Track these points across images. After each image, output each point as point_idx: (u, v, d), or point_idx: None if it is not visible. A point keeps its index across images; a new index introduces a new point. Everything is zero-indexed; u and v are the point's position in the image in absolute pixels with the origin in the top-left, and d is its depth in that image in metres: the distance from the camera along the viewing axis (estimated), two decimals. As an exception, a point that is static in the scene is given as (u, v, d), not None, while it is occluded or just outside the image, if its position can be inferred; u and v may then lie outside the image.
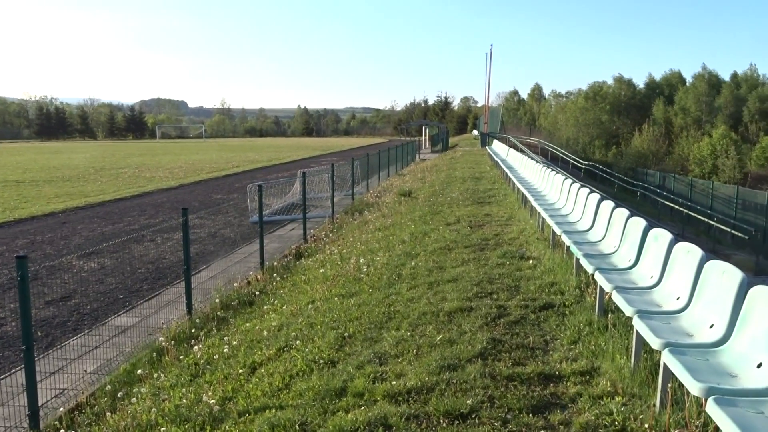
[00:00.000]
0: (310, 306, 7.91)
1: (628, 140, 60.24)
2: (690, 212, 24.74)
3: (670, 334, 3.95)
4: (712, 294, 4.06)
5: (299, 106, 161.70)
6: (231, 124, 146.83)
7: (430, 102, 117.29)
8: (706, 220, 23.59)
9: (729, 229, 21.01)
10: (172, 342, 7.20)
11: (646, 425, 3.77)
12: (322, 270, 10.17)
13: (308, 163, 41.32)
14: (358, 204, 19.25)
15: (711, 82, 66.65)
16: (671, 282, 4.78)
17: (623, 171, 42.46)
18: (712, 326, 3.89)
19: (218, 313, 8.50)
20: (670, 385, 3.79)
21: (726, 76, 68.90)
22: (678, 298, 4.52)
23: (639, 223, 5.88)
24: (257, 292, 9.52)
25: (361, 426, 4.07)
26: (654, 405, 4.00)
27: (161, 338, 7.29)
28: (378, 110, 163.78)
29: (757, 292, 3.50)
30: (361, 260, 9.84)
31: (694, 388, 3.14)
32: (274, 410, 4.61)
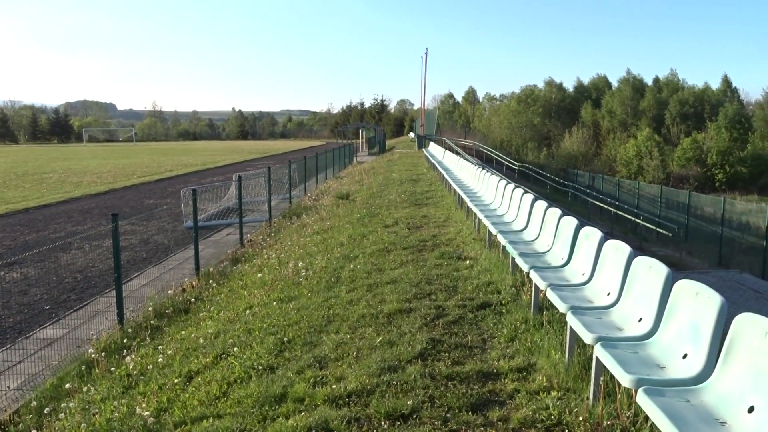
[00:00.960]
0: (247, 312, 7.77)
1: (559, 142, 62.12)
2: (618, 211, 25.70)
3: (601, 329, 4.07)
4: (640, 289, 4.22)
5: (234, 108, 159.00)
6: (163, 127, 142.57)
7: (367, 105, 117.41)
8: (633, 218, 24.56)
9: (654, 227, 21.95)
10: (103, 353, 6.92)
11: (581, 418, 3.87)
12: (259, 275, 10.02)
13: (244, 166, 40.65)
14: (296, 207, 19.08)
15: (635, 86, 69.49)
16: (602, 278, 4.94)
17: (555, 172, 43.72)
18: (640, 320, 4.04)
19: (152, 321, 8.23)
20: (602, 378, 3.90)
21: (649, 81, 72.05)
22: (609, 294, 4.67)
23: (571, 222, 6.06)
24: (193, 299, 9.28)
25: (302, 431, 4.02)
26: (588, 398, 4.12)
27: (91, 350, 6.99)
28: (315, 113, 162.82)
29: (682, 286, 3.66)
30: (300, 264, 9.74)
31: (625, 379, 3.25)
32: (211, 419, 4.50)
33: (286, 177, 21.24)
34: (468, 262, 8.51)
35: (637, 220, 23.07)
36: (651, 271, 4.10)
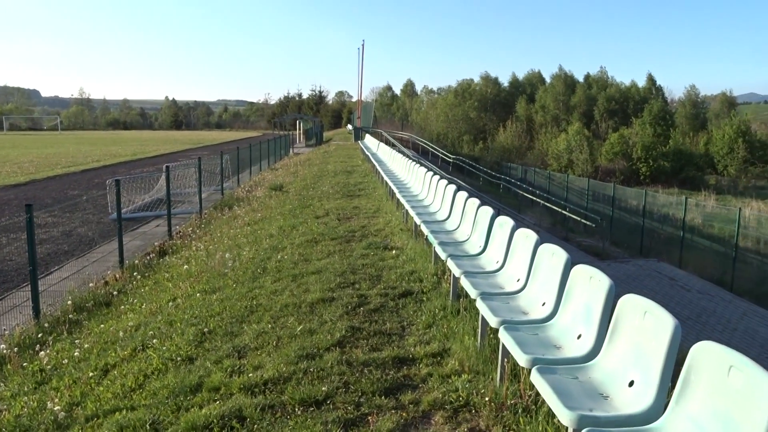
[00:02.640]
0: (170, 304, 7.67)
1: (494, 136, 63.27)
2: (546, 203, 26.50)
3: (507, 313, 4.25)
4: (544, 275, 4.42)
5: (167, 97, 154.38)
6: (91, 115, 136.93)
7: (305, 96, 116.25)
8: (560, 210, 25.38)
9: (579, 218, 22.75)
10: (16, 349, 6.70)
11: (487, 398, 4.04)
12: (186, 267, 9.88)
13: (177, 157, 39.66)
14: (228, 199, 18.81)
15: (567, 82, 71.43)
16: (513, 265, 5.14)
17: (489, 165, 44.59)
18: (544, 304, 4.24)
19: (70, 315, 8.00)
20: (507, 360, 4.08)
21: (580, 77, 74.25)
22: (518, 280, 4.87)
23: (487, 211, 6.25)
24: (115, 292, 9.07)
25: (215, 420, 4.03)
26: (494, 379, 4.30)
27: (3, 345, 6.75)
28: (252, 103, 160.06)
29: (578, 271, 3.87)
30: (227, 255, 9.65)
31: (522, 359, 3.42)
32: (124, 412, 4.45)
33: (219, 168, 20.91)
34: (394, 252, 8.64)
35: (564, 212, 23.85)
36: (554, 257, 4.30)
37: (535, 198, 26.85)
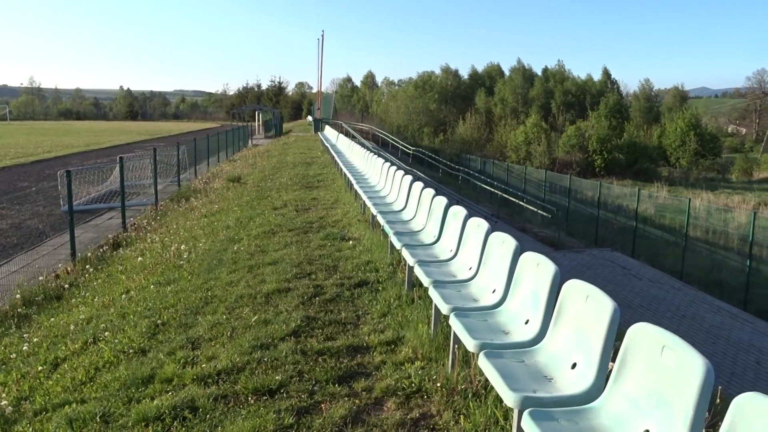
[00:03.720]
0: (124, 296, 7.54)
1: (454, 128, 63.76)
2: (504, 194, 26.86)
3: (459, 300, 4.33)
4: (495, 262, 4.51)
5: (122, 87, 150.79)
6: (42, 105, 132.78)
7: (264, 87, 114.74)
8: (517, 201, 25.76)
9: (536, 209, 23.15)
10: (-40, 344, 6.51)
11: (439, 384, 4.12)
12: (140, 259, 9.72)
13: (132, 148, 38.74)
14: (185, 191, 18.54)
15: (525, 75, 72.36)
16: (465, 254, 5.23)
17: (449, 157, 44.89)
18: (494, 291, 4.33)
19: (19, 309, 7.81)
20: (458, 347, 4.16)
21: (538, 71, 75.30)
22: (470, 268, 4.95)
23: (441, 201, 6.33)
24: (67, 286, 8.87)
25: (167, 411, 4.01)
26: (446, 366, 4.38)
27: (-53, 340, 6.55)
28: (210, 94, 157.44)
29: (526, 258, 3.96)
30: (183, 247, 9.53)
31: (470, 345, 3.50)
32: (74, 405, 4.38)
33: (175, 159, 20.56)
34: (351, 242, 8.67)
35: (521, 203, 24.23)
36: (503, 245, 4.39)
37: (493, 189, 27.19)
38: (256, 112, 63.08)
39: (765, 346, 10.98)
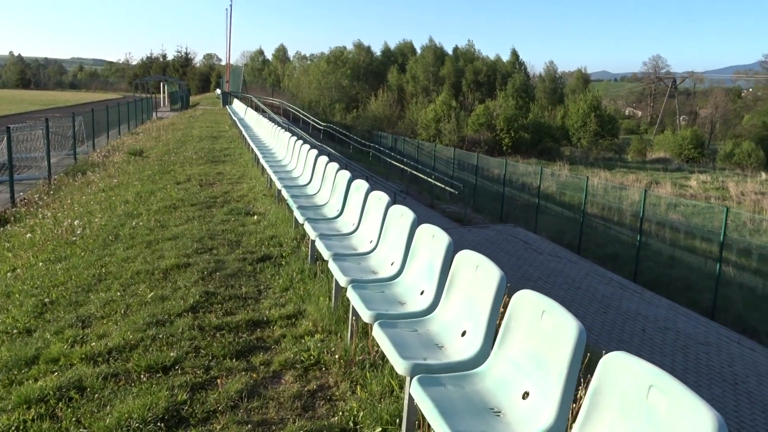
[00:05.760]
0: (9, 275, 7.09)
1: (366, 104, 63.74)
2: (413, 171, 27.21)
3: (358, 273, 4.36)
4: (394, 235, 4.56)
5: (12, 52, 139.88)
6: None
7: (170, 57, 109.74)
8: (426, 177, 26.20)
9: (444, 186, 23.62)
10: None
11: (337, 356, 4.15)
12: (29, 235, 9.15)
13: (24, 118, 36.12)
14: (82, 164, 17.56)
15: (437, 53, 73.17)
16: (367, 227, 5.25)
17: (360, 133, 44.91)
18: (392, 263, 4.38)
19: None
20: (356, 319, 4.19)
21: (449, 50, 76.33)
22: (371, 241, 4.99)
23: (345, 175, 6.32)
24: (-57, 265, 8.22)
25: (51, 392, 3.81)
26: (345, 338, 4.41)
27: None
28: (111, 63, 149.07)
29: (422, 230, 4.03)
30: (76, 222, 9.05)
31: (365, 315, 3.53)
32: (-53, 389, 4.08)
33: (71, 131, 19.40)
34: (256, 217, 8.52)
35: (430, 179, 24.63)
36: (402, 218, 4.45)
37: (403, 166, 27.48)
38: (162, 84, 60.40)
39: (651, 314, 11.77)
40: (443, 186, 23.37)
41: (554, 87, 70.97)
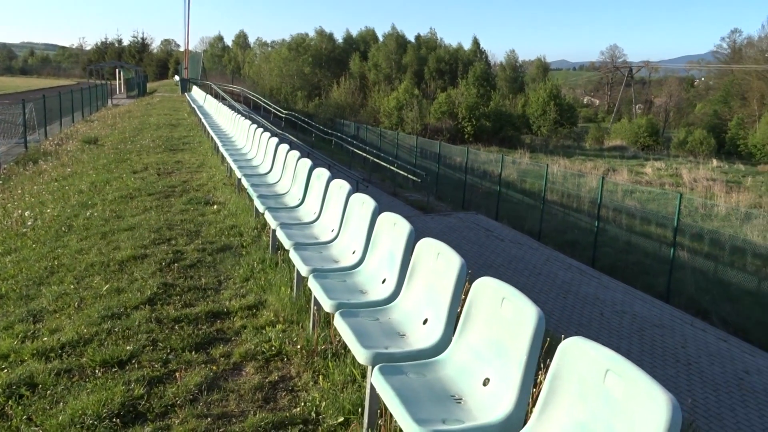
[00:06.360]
0: (-44, 268, 6.81)
1: (329, 92, 63.28)
2: (375, 159, 27.17)
3: (319, 262, 4.31)
4: (355, 223, 4.53)
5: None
6: None
7: (126, 42, 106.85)
8: (389, 166, 26.19)
9: (406, 174, 23.64)
10: None
11: (299, 346, 4.10)
12: (-24, 227, 8.82)
13: (-29, 106, 34.89)
14: (33, 153, 17.00)
15: (399, 41, 72.99)
16: (328, 216, 5.21)
17: (323, 121, 44.60)
18: (354, 252, 4.35)
19: None
20: (318, 308, 4.16)
21: (411, 38, 76.21)
22: (333, 230, 4.94)
23: (306, 163, 6.25)
24: None
25: (0, 389, 3.68)
26: (307, 328, 4.37)
27: None
28: (64, 48, 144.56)
29: (383, 218, 4.01)
30: (27, 213, 8.77)
31: (327, 305, 3.50)
32: None
33: (21, 119, 18.76)
34: (215, 207, 8.38)
35: (392, 168, 24.61)
36: (363, 206, 4.41)
37: (365, 154, 27.42)
38: (117, 70, 58.85)
39: (608, 298, 12.03)
40: (406, 174, 23.40)
41: (515, 76, 71.57)
